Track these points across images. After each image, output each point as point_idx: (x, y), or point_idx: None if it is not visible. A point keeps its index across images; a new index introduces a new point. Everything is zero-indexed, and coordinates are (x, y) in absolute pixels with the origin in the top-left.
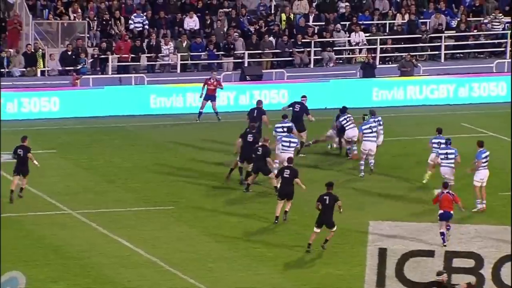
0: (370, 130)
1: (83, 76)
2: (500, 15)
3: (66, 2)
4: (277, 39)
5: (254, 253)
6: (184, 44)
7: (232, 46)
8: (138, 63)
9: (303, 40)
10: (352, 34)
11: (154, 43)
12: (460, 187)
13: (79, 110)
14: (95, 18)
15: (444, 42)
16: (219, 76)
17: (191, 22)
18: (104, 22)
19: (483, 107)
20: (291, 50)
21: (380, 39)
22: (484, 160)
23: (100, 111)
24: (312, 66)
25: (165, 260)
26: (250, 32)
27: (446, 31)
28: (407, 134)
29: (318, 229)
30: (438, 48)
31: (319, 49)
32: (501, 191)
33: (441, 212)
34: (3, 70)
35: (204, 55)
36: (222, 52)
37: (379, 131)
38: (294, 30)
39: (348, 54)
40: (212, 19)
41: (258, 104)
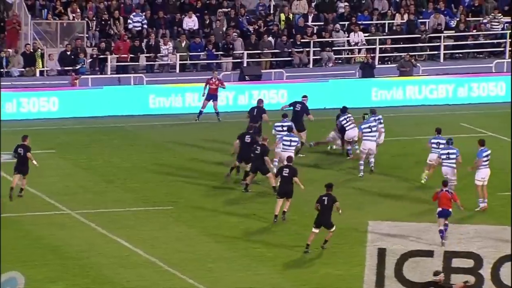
0: (369, 130)
1: (82, 76)
2: (499, 15)
3: (65, 2)
4: (276, 39)
5: (253, 253)
6: (183, 44)
7: (231, 46)
8: (137, 63)
9: (302, 40)
10: (351, 34)
11: (153, 43)
12: (461, 187)
13: (78, 110)
14: (94, 18)
15: (443, 42)
16: (220, 76)
17: (190, 22)
18: (103, 22)
19: (482, 107)
20: (290, 50)
21: (379, 39)
22: (485, 158)
23: (99, 111)
24: (311, 66)
25: (164, 260)
26: (249, 32)
27: (445, 31)
28: (406, 134)
29: (316, 229)
30: (437, 48)
31: (318, 49)
32: (500, 191)
33: (439, 209)
34: (2, 70)
35: (203, 55)
36: (221, 52)
37: (380, 129)
38: (293, 30)
39: (347, 54)
40: (211, 19)
41: (259, 103)
